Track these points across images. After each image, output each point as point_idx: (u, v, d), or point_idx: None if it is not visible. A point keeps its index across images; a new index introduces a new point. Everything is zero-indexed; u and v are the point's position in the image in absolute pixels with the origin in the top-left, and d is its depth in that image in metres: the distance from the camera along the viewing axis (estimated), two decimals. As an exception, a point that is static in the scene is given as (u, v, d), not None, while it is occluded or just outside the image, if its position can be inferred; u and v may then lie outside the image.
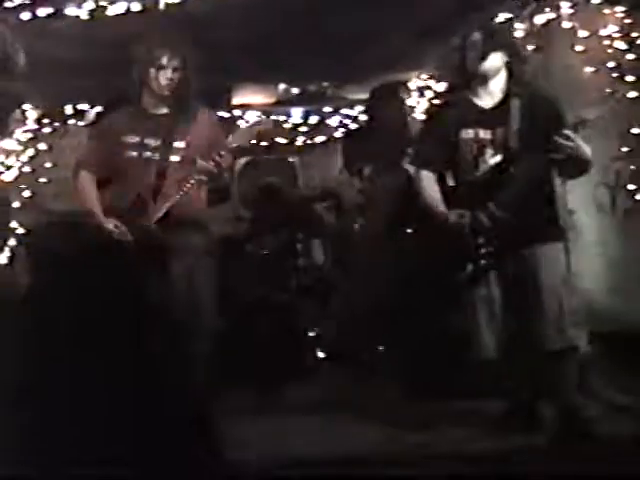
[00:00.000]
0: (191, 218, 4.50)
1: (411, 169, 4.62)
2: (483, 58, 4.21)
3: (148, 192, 4.43)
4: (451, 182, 4.39)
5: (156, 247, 4.32)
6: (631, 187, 5.42)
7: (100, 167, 4.63)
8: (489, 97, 4.31)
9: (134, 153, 4.51)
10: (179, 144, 4.50)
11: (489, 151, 4.24)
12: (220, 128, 4.74)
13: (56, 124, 7.63)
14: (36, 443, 3.64)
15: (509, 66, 4.30)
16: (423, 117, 7.10)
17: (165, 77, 4.48)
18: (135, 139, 4.52)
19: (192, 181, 4.43)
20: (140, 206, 4.41)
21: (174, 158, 4.48)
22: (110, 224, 4.41)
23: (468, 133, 4.28)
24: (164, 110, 4.59)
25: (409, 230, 6.03)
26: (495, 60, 4.24)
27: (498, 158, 4.23)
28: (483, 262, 4.20)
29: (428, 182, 4.42)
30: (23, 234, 7.11)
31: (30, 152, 7.53)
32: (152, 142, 4.51)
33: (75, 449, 3.58)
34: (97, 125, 4.91)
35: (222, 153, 4.39)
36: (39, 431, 3.73)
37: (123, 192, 4.51)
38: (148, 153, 4.50)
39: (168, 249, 4.36)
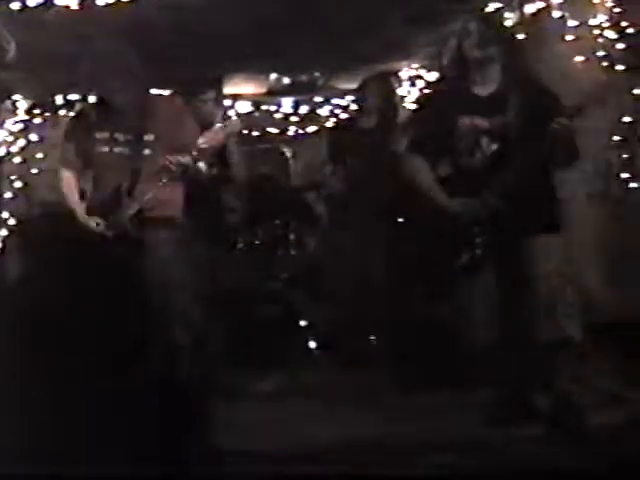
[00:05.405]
0: (167, 213, 4.50)
1: (405, 157, 4.61)
2: (479, 46, 4.21)
3: (124, 187, 4.43)
4: (446, 170, 4.38)
5: (134, 242, 4.35)
6: (624, 175, 5.45)
7: (78, 165, 4.63)
8: (485, 85, 4.29)
9: (106, 148, 4.51)
10: (148, 137, 4.49)
11: (485, 139, 4.24)
12: (188, 115, 4.74)
13: (47, 114, 7.61)
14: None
15: (504, 55, 4.28)
16: (416, 105, 7.11)
17: None
18: (105, 135, 4.53)
19: (166, 177, 4.43)
20: (116, 202, 4.41)
21: (146, 152, 4.47)
22: (91, 221, 4.42)
23: (465, 120, 4.26)
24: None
25: (400, 219, 6.04)
26: (490, 49, 4.23)
27: (494, 146, 4.23)
28: (478, 251, 4.20)
29: (423, 170, 4.42)
30: (14, 225, 7.10)
31: (21, 143, 7.51)
32: (122, 137, 4.51)
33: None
34: (70, 123, 4.91)
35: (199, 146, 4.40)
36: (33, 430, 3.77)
37: (102, 187, 4.52)
38: (119, 148, 4.50)
39: (145, 244, 4.38)
